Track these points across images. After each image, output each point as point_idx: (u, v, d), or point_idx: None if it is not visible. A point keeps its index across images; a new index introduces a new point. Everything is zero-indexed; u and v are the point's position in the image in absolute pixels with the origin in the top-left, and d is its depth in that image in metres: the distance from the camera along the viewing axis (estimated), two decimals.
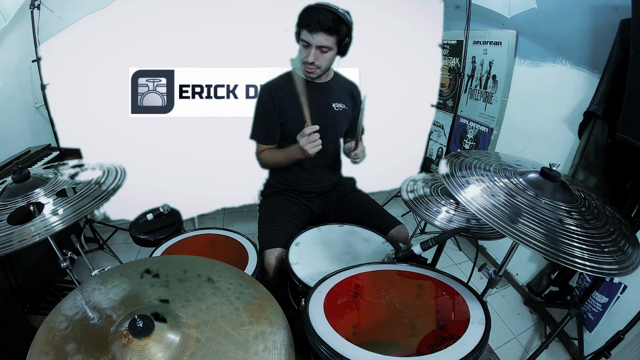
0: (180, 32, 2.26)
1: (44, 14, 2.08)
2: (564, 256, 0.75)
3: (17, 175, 1.05)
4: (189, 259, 1.01)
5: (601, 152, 1.66)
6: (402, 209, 3.05)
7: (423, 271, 1.09)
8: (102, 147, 2.33)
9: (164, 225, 1.57)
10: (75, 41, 2.18)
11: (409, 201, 1.40)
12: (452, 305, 0.98)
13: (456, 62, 2.77)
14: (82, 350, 0.69)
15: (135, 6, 2.20)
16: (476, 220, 1.30)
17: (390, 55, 2.62)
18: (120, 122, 2.34)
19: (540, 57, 2.05)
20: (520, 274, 2.23)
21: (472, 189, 0.93)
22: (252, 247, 1.36)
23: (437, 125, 3.13)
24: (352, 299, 1.03)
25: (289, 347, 0.76)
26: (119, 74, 2.29)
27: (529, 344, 1.88)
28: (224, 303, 0.83)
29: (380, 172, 2.60)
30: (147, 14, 2.22)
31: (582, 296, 1.75)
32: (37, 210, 0.96)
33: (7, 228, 0.89)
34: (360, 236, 1.42)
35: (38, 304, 1.83)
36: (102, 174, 1.11)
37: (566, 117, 1.89)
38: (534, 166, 1.05)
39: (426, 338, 0.93)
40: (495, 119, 2.45)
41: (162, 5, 2.22)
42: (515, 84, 2.27)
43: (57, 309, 0.80)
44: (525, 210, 0.85)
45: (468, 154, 1.13)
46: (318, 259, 1.27)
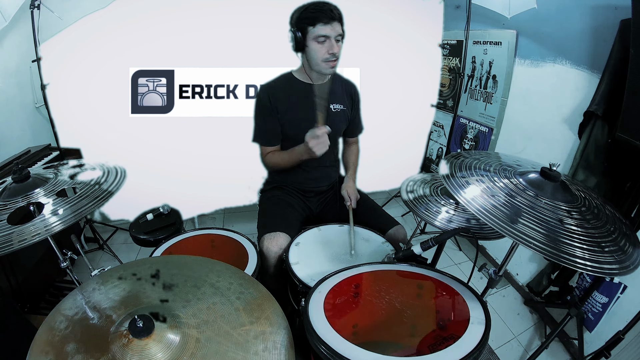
0: (181, 32, 2.26)
1: (44, 14, 2.08)
2: (564, 256, 0.75)
3: (17, 175, 1.05)
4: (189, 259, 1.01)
5: (601, 152, 1.66)
6: (402, 209, 3.05)
7: (423, 271, 1.08)
8: (102, 147, 2.34)
9: (164, 225, 1.57)
10: (75, 41, 2.18)
11: (408, 201, 1.40)
12: (452, 305, 0.98)
13: (456, 62, 2.77)
14: (82, 350, 0.69)
15: (135, 6, 2.20)
16: (476, 220, 1.30)
17: (390, 55, 2.62)
18: (120, 122, 2.34)
19: (540, 57, 2.05)
20: (520, 274, 2.23)
21: (472, 189, 0.93)
22: (252, 247, 1.36)
23: (437, 125, 3.13)
24: (352, 299, 1.03)
25: (289, 347, 0.76)
26: (119, 74, 2.29)
27: (529, 344, 1.88)
28: (224, 303, 0.83)
29: (380, 172, 2.60)
30: (147, 14, 2.22)
31: (582, 296, 1.75)
32: (37, 210, 0.96)
33: (7, 228, 0.89)
34: (360, 236, 1.42)
35: (38, 304, 1.83)
36: (102, 174, 1.11)
37: (566, 117, 1.89)
38: (534, 166, 1.05)
39: (426, 338, 0.93)
40: (495, 119, 2.45)
41: (162, 5, 2.22)
42: (515, 84, 2.27)
43: (57, 309, 0.80)
44: (525, 210, 0.85)
45: (468, 154, 1.13)
46: (318, 259, 1.27)
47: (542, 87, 2.05)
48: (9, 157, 1.98)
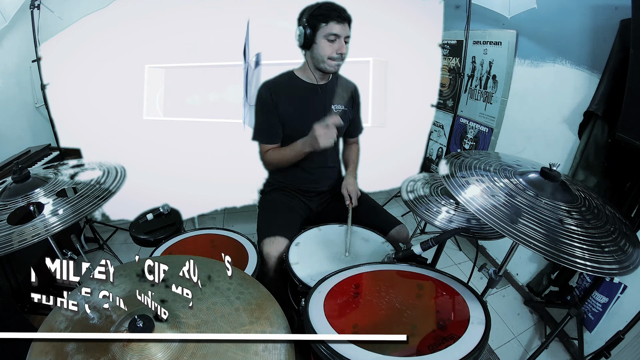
0: (180, 32, 2.27)
1: (44, 14, 2.08)
2: (564, 256, 0.76)
3: (17, 175, 1.05)
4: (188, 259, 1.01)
5: (601, 152, 1.66)
6: (402, 209, 3.05)
7: (423, 271, 1.09)
8: (102, 147, 2.34)
9: (164, 225, 1.57)
10: (75, 41, 2.19)
11: (409, 201, 1.40)
12: (452, 305, 0.98)
13: (456, 62, 2.77)
14: (82, 350, 0.69)
15: (135, 6, 2.20)
16: (476, 220, 1.29)
17: (390, 55, 2.62)
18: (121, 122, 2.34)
19: (540, 57, 2.04)
20: (520, 274, 2.23)
21: (472, 189, 0.93)
22: (252, 247, 1.36)
23: (437, 125, 3.12)
24: (352, 299, 1.03)
25: (289, 347, 0.76)
26: (119, 73, 2.28)
27: (529, 344, 1.88)
28: (224, 303, 0.83)
29: (380, 172, 2.60)
30: (148, 14, 2.22)
31: (582, 296, 1.75)
32: (37, 210, 0.96)
33: (7, 228, 0.89)
34: (360, 236, 1.42)
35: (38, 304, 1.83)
36: (102, 174, 1.11)
37: (566, 117, 1.89)
38: (534, 166, 1.05)
39: (426, 338, 0.93)
40: (495, 119, 2.45)
41: (162, 5, 2.23)
42: (515, 84, 2.27)
43: (57, 309, 0.80)
44: (525, 210, 0.85)
45: (468, 154, 1.13)
46: (318, 259, 1.27)
47: (542, 87, 2.05)
48: (9, 157, 1.97)
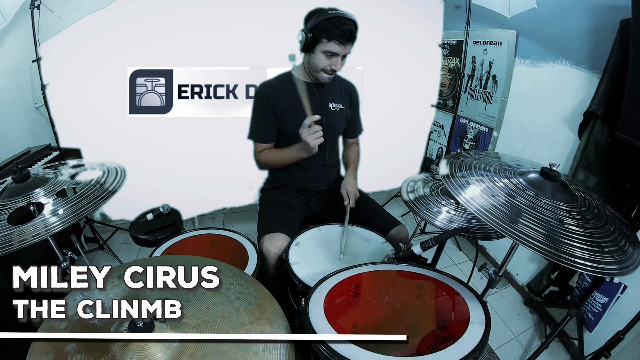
0: (180, 32, 2.26)
1: (44, 14, 2.08)
2: (564, 256, 0.76)
3: (17, 175, 1.05)
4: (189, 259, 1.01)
5: (601, 152, 1.66)
6: (402, 209, 3.05)
7: (423, 271, 1.09)
8: (102, 147, 2.33)
9: (164, 225, 1.57)
10: (75, 41, 2.18)
11: (409, 201, 1.40)
12: (452, 305, 0.98)
13: (456, 62, 2.77)
14: (82, 350, 0.69)
15: (135, 6, 2.20)
16: (476, 220, 1.30)
17: (390, 55, 2.62)
18: (121, 122, 2.34)
19: (540, 57, 2.04)
20: (520, 274, 2.23)
21: (472, 189, 0.93)
22: (252, 247, 1.36)
23: (437, 125, 3.12)
24: (352, 299, 1.03)
25: (289, 347, 0.76)
26: (119, 73, 2.28)
27: (529, 344, 1.88)
28: (224, 303, 0.83)
29: (380, 172, 2.60)
30: (147, 14, 2.22)
31: (582, 296, 1.75)
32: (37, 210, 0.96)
33: (7, 228, 0.89)
34: (360, 236, 1.42)
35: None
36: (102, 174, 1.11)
37: (566, 117, 1.89)
38: (534, 166, 1.05)
39: (426, 338, 0.93)
40: (495, 119, 2.45)
41: (162, 5, 2.22)
42: (515, 84, 2.27)
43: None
44: (525, 210, 0.85)
45: (468, 154, 1.13)
46: (318, 259, 1.27)
47: (542, 87, 2.05)
48: (9, 157, 1.98)
